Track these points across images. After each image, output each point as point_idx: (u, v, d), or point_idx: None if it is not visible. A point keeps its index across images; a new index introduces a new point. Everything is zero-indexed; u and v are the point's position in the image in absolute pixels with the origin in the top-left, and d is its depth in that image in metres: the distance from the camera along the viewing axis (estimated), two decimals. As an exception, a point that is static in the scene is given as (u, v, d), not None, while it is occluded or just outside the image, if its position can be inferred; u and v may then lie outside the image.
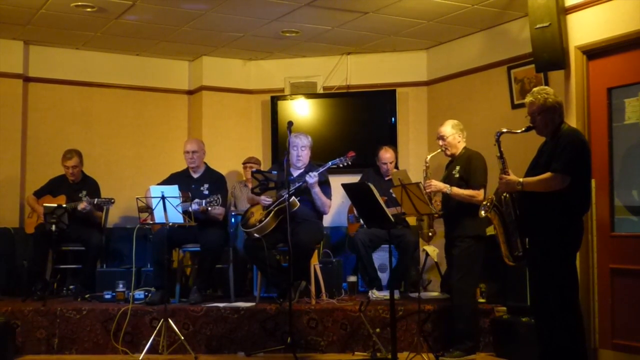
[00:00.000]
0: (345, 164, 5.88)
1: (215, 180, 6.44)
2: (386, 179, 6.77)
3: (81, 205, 6.46)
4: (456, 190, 5.32)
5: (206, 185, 6.35)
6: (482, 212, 4.36)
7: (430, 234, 5.48)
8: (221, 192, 6.19)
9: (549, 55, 5.41)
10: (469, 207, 5.20)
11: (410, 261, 6.50)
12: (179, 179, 6.28)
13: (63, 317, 5.69)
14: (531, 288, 4.47)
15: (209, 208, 6.01)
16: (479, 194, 5.26)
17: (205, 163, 6.57)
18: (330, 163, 5.88)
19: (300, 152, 6.06)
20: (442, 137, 5.50)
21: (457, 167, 5.44)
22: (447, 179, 5.49)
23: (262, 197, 5.99)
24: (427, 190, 5.34)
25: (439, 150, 5.57)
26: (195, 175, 6.46)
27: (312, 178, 5.82)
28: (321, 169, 5.92)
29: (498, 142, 4.42)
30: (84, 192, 6.69)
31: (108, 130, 7.86)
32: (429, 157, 5.59)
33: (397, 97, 7.69)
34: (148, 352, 5.35)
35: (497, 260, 4.71)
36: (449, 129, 5.49)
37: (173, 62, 8.18)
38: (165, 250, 5.83)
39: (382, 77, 7.84)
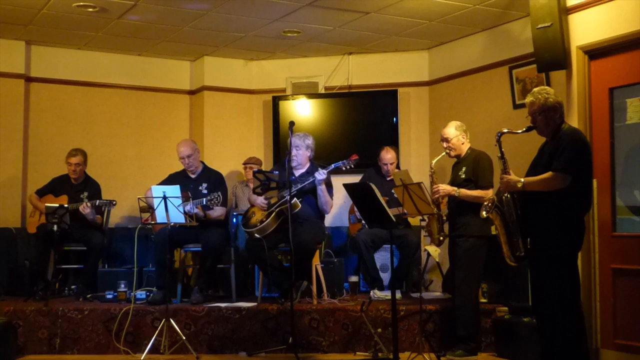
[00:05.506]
0: (349, 167, 5.82)
1: (214, 180, 6.41)
2: (388, 179, 6.77)
3: (82, 206, 6.45)
4: (464, 191, 5.29)
5: (205, 185, 6.33)
6: (484, 213, 4.35)
7: (441, 237, 5.43)
8: (221, 190, 6.17)
9: (551, 55, 5.41)
10: (472, 206, 5.17)
11: (412, 261, 6.50)
12: (177, 179, 6.26)
13: (65, 317, 5.69)
14: (533, 288, 4.47)
15: (210, 206, 6.00)
16: (487, 194, 5.18)
17: (203, 162, 6.55)
18: (333, 165, 5.84)
19: (295, 152, 6.03)
20: (445, 140, 5.46)
21: (463, 168, 5.41)
22: (454, 181, 5.47)
23: (260, 200, 5.99)
24: (436, 196, 5.32)
25: (443, 154, 5.51)
26: (194, 175, 6.43)
27: (322, 175, 5.78)
28: (326, 170, 5.88)
29: (499, 143, 4.42)
30: (86, 193, 6.69)
31: (109, 130, 7.86)
32: (433, 162, 5.51)
33: (399, 97, 7.68)
34: (150, 352, 5.35)
35: (498, 261, 4.70)
36: (452, 130, 5.46)
37: (175, 62, 8.18)
38: (166, 250, 5.82)
39: (384, 77, 7.84)
